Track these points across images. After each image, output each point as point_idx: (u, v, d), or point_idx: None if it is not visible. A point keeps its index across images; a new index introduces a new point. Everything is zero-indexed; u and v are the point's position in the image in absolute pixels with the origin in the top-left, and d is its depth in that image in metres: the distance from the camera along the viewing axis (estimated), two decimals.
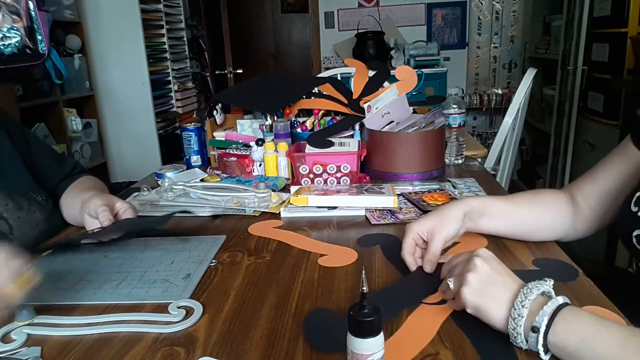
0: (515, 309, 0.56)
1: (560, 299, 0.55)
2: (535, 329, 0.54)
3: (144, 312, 0.70)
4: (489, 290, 0.59)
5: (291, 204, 1.08)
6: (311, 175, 1.21)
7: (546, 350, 0.54)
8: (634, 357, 0.49)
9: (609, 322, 0.53)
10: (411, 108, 1.42)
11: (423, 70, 2.05)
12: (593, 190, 0.83)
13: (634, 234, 0.72)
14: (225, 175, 1.35)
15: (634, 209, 0.72)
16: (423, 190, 1.18)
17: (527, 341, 0.56)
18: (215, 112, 1.51)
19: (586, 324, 0.53)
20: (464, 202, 0.82)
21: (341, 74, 2.07)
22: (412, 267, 0.78)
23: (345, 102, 1.44)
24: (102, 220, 0.89)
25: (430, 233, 0.77)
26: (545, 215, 0.84)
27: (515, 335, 0.56)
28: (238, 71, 4.48)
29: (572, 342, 0.52)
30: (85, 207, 0.94)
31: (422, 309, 0.67)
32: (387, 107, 1.35)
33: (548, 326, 0.53)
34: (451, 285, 0.64)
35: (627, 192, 0.77)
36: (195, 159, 1.46)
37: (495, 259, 0.63)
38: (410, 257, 0.78)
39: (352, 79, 1.50)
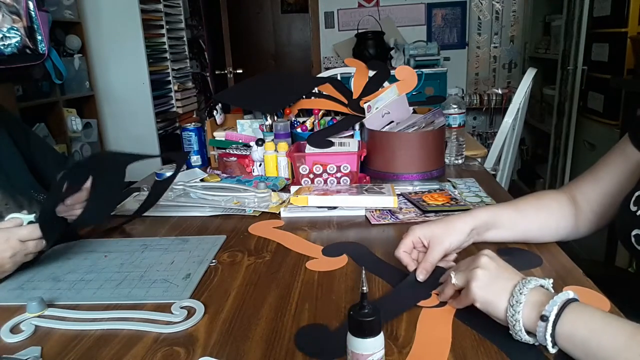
0: (513, 297, 0.58)
1: (571, 294, 0.56)
2: (544, 318, 0.55)
3: (146, 310, 0.70)
4: (497, 284, 0.61)
5: (291, 204, 1.08)
6: (311, 175, 1.21)
7: (553, 343, 0.55)
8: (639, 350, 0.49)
9: (616, 317, 0.54)
10: (411, 108, 1.42)
11: (423, 70, 2.06)
12: (594, 191, 0.83)
13: (633, 233, 0.72)
14: (225, 175, 1.35)
15: (633, 208, 0.72)
16: (423, 190, 1.18)
17: (528, 334, 0.57)
18: (215, 112, 1.51)
19: (594, 318, 0.54)
20: (473, 216, 0.80)
21: (341, 74, 2.07)
22: (409, 265, 0.76)
23: (345, 102, 1.44)
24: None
25: (432, 240, 0.76)
26: (550, 220, 0.84)
27: (514, 322, 0.57)
28: (238, 71, 4.47)
29: (580, 333, 0.53)
30: None
31: (425, 314, 0.66)
32: (387, 107, 1.35)
33: (557, 315, 0.54)
34: (454, 281, 0.64)
35: (627, 192, 0.77)
36: (195, 159, 1.47)
37: (500, 258, 0.65)
38: (406, 256, 0.77)
39: (352, 79, 1.50)
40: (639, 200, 0.72)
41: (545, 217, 0.84)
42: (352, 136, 1.38)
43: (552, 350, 0.55)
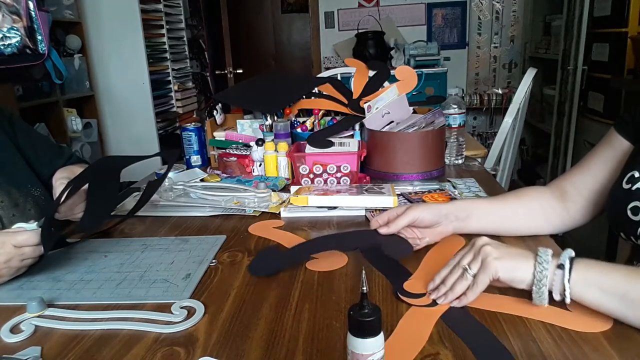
0: (540, 256, 0.63)
1: (573, 252, 0.63)
2: (561, 266, 0.61)
3: (145, 310, 0.70)
4: (509, 252, 0.66)
5: (291, 204, 1.08)
6: (311, 175, 1.21)
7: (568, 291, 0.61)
8: None
9: (620, 264, 0.63)
10: (411, 108, 1.42)
11: (423, 70, 2.06)
12: (585, 180, 0.86)
13: (630, 206, 0.74)
14: (225, 175, 1.35)
15: (626, 186, 0.75)
16: (423, 190, 1.18)
17: (545, 291, 0.62)
18: (215, 112, 1.51)
19: (601, 263, 0.62)
20: (452, 202, 0.89)
21: (341, 74, 2.07)
22: (372, 224, 0.87)
23: (345, 102, 1.44)
24: (55, 195, 0.89)
25: (407, 210, 0.84)
26: (534, 205, 0.88)
27: (542, 277, 0.62)
28: (238, 71, 4.47)
29: (593, 273, 0.61)
30: (53, 181, 0.95)
31: (412, 312, 0.67)
32: (387, 107, 1.35)
33: (571, 264, 0.61)
34: (471, 272, 0.66)
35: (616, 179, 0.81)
36: (195, 159, 1.46)
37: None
38: (376, 223, 0.86)
39: (352, 79, 1.50)
40: (631, 179, 0.75)
41: (526, 202, 0.88)
42: (352, 136, 1.38)
43: (568, 300, 0.61)
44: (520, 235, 0.88)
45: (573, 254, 0.63)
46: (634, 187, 0.74)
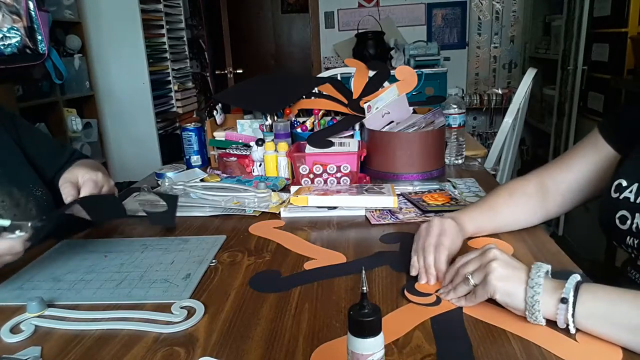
0: (532, 279, 0.61)
1: (578, 276, 0.60)
2: (564, 300, 0.58)
3: (145, 310, 0.70)
4: (514, 274, 0.63)
5: (291, 204, 1.08)
6: (311, 175, 1.21)
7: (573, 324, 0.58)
8: None
9: (627, 289, 0.58)
10: (411, 108, 1.42)
11: (423, 70, 2.06)
12: (566, 178, 0.88)
13: (618, 215, 0.75)
14: (225, 175, 1.35)
15: (614, 195, 0.76)
16: (423, 190, 1.18)
17: (539, 316, 0.60)
18: (215, 112, 1.51)
19: (609, 292, 0.59)
20: (464, 233, 0.84)
21: (341, 74, 2.07)
22: (417, 270, 0.76)
23: (345, 102, 1.44)
24: (64, 198, 0.88)
25: (440, 249, 0.77)
26: (520, 212, 0.91)
27: (534, 302, 0.60)
28: (238, 71, 4.47)
29: (600, 306, 0.58)
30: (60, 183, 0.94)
31: (407, 308, 0.68)
32: (387, 107, 1.35)
33: (575, 296, 0.58)
34: (473, 281, 0.66)
35: (596, 181, 0.84)
36: (195, 159, 1.46)
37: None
38: (416, 261, 0.77)
39: (352, 79, 1.50)
40: (619, 188, 0.76)
41: (516, 211, 0.91)
42: (352, 136, 1.38)
43: (572, 331, 0.59)
44: (508, 231, 0.91)
45: (578, 279, 0.60)
46: (622, 196, 0.75)
